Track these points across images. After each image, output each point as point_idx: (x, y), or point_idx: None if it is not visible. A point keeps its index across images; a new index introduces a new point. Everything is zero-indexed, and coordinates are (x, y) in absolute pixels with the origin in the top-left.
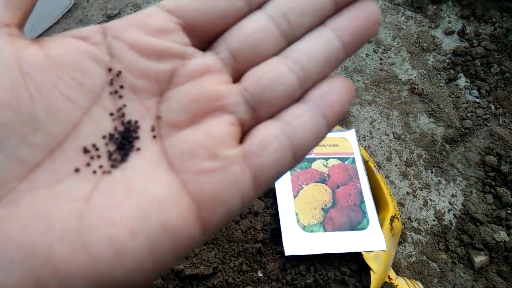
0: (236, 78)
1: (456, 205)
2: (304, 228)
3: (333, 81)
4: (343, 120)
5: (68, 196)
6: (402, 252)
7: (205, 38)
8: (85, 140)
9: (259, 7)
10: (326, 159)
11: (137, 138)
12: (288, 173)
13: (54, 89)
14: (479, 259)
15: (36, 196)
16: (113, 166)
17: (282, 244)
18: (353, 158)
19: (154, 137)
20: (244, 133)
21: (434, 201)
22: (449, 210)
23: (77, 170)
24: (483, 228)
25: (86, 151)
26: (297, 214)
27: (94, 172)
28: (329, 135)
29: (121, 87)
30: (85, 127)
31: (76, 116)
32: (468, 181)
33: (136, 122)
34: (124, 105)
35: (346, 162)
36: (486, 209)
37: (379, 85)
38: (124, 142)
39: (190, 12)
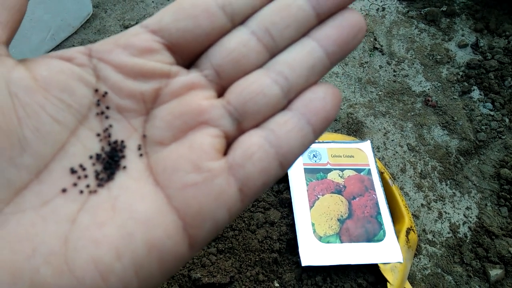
0: (221, 93)
1: (471, 217)
2: (320, 238)
3: (316, 89)
4: (357, 131)
5: (55, 218)
6: (417, 265)
7: (189, 56)
8: (72, 161)
9: (242, 22)
10: (342, 170)
11: (123, 157)
12: (304, 183)
13: (41, 110)
14: (495, 272)
15: (23, 218)
16: (99, 185)
17: (298, 254)
18: (369, 169)
19: (141, 155)
20: (230, 145)
21: (448, 213)
22: (464, 223)
23: (64, 191)
24: (498, 241)
25: (73, 171)
26: (313, 225)
27: (81, 192)
28: (345, 146)
29: (107, 107)
30: (72, 148)
31: (63, 137)
32: (482, 193)
33: (122, 141)
34: (111, 126)
35: (361, 173)
36: (501, 222)
37: (393, 97)
38: (110, 161)
39: (173, 32)
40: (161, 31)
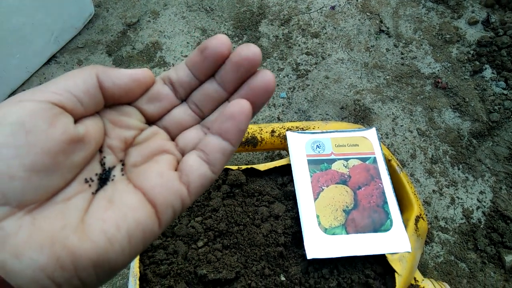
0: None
1: (485, 202)
2: (325, 230)
3: (226, 119)
4: (365, 118)
5: (75, 208)
6: (429, 253)
7: (153, 119)
8: (86, 176)
9: (183, 100)
10: (347, 159)
11: (113, 174)
12: (308, 175)
13: None
14: (510, 258)
15: (56, 208)
16: (98, 190)
17: (304, 247)
18: (374, 158)
19: (123, 174)
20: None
21: (461, 198)
22: (478, 208)
23: (80, 192)
24: None
25: (86, 181)
26: (318, 217)
27: (92, 193)
28: (349, 135)
29: (102, 146)
30: (87, 168)
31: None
32: (497, 176)
33: (109, 167)
34: (104, 157)
35: (367, 162)
36: None
37: (401, 81)
38: (105, 176)
39: (145, 107)
40: (137, 107)
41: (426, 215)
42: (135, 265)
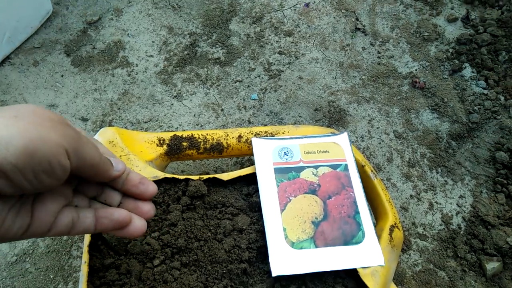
0: None
1: (465, 207)
2: (292, 244)
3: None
4: (339, 120)
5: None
6: (407, 261)
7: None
8: None
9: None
10: (316, 167)
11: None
12: (274, 185)
13: None
14: (492, 265)
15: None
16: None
17: (269, 263)
18: (346, 165)
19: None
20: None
21: (440, 203)
22: (457, 213)
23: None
24: (495, 231)
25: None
26: (285, 230)
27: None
28: (319, 141)
29: None
30: None
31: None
32: (477, 180)
33: None
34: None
35: (338, 170)
36: (498, 210)
37: (377, 81)
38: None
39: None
40: None
41: (403, 222)
42: (83, 286)
